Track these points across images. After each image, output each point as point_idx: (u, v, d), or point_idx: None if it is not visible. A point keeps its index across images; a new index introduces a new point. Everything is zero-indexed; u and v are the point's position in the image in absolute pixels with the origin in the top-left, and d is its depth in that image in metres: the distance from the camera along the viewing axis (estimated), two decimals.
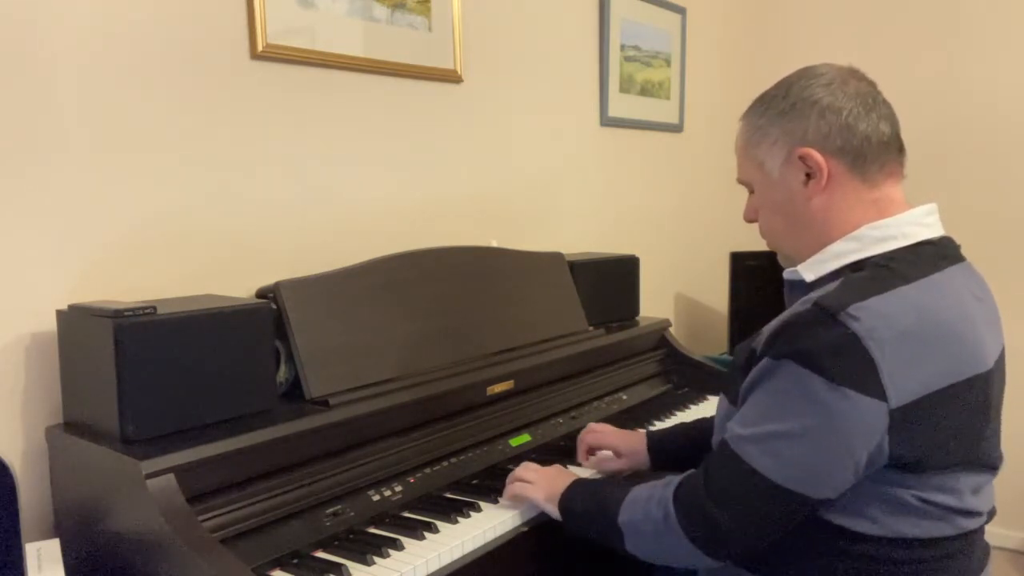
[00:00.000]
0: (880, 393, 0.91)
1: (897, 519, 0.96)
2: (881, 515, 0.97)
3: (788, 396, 0.95)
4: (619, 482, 1.20)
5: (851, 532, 0.98)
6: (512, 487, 1.29)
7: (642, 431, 1.46)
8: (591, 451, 1.46)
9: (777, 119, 1.07)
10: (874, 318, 0.92)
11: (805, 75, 1.08)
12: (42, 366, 1.25)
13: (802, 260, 1.08)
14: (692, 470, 1.06)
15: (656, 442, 1.42)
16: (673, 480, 1.06)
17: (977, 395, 0.98)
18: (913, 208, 1.05)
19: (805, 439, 0.93)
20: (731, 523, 0.97)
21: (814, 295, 0.98)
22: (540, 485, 1.25)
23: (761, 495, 0.96)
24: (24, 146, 1.21)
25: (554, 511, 1.21)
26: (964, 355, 0.96)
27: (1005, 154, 2.67)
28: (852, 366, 0.91)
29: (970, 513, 1.00)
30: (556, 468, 1.31)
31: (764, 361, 0.98)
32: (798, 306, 0.98)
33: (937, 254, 1.03)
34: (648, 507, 1.06)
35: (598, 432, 1.46)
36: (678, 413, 1.83)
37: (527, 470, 1.30)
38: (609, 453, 1.46)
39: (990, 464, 1.02)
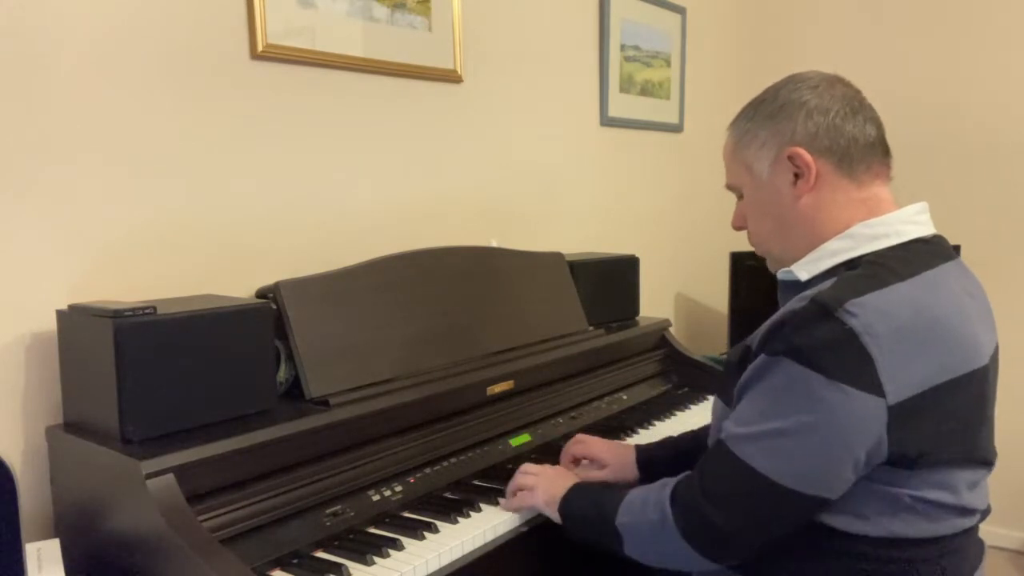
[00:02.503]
0: (878, 389, 0.91)
1: (891, 519, 0.96)
2: (875, 515, 0.96)
3: (786, 393, 0.95)
4: (618, 486, 1.19)
5: (844, 532, 0.97)
6: (513, 500, 1.28)
7: (630, 444, 1.43)
8: (576, 461, 1.44)
9: (765, 122, 1.08)
10: (871, 314, 0.92)
11: (792, 80, 1.10)
12: (42, 366, 1.25)
13: (792, 262, 1.08)
14: (688, 472, 1.05)
15: (645, 454, 1.40)
16: (670, 482, 1.06)
17: (974, 390, 0.98)
18: (904, 207, 1.06)
19: (803, 436, 0.93)
20: (729, 524, 0.97)
21: (810, 292, 0.98)
22: (540, 489, 1.24)
23: (760, 495, 0.95)
24: (24, 146, 1.21)
25: (555, 515, 1.21)
26: (960, 350, 0.97)
27: (998, 156, 2.67)
28: (850, 362, 0.91)
29: (966, 511, 1.00)
30: (555, 470, 1.30)
31: (760, 358, 0.98)
32: (794, 303, 0.98)
33: (930, 251, 1.03)
34: (645, 510, 1.06)
35: (585, 443, 1.44)
36: (678, 413, 1.83)
37: (526, 475, 1.29)
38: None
39: (985, 460, 1.02)
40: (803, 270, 1.06)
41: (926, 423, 0.93)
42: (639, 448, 1.41)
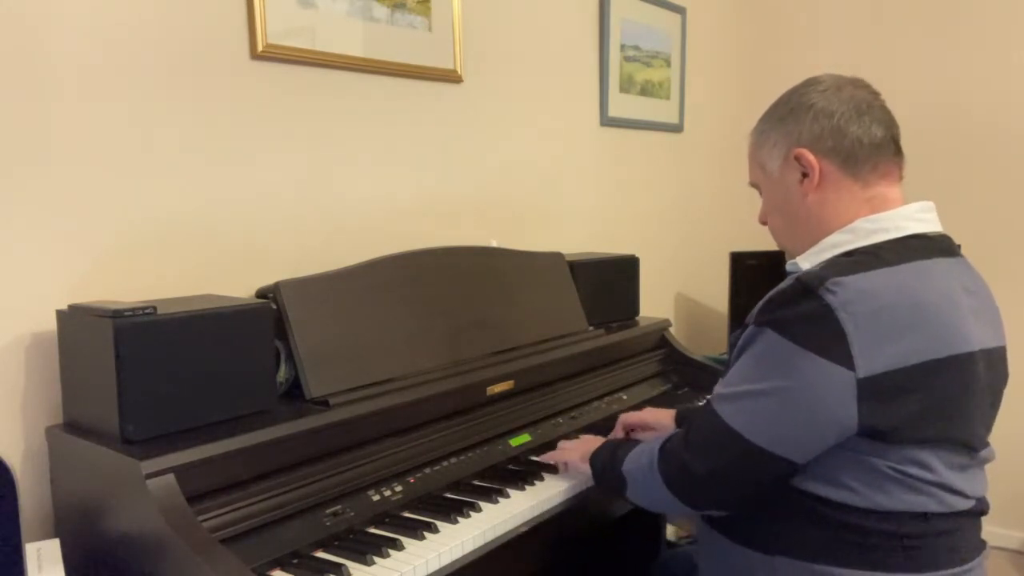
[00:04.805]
0: (848, 362, 0.96)
1: (875, 490, 1.00)
2: (859, 485, 1.00)
3: (763, 360, 1.03)
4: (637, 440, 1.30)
5: (830, 501, 1.02)
6: (553, 453, 1.46)
7: (671, 410, 1.56)
8: (629, 432, 1.56)
9: (777, 124, 1.15)
10: (850, 293, 0.97)
11: (805, 83, 1.16)
12: (42, 366, 1.25)
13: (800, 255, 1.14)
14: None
15: (680, 413, 1.54)
16: (666, 435, 1.18)
17: (955, 375, 1.00)
18: (908, 204, 1.10)
19: (774, 398, 1.01)
20: (703, 473, 1.07)
21: (798, 272, 1.05)
22: (578, 449, 1.41)
23: (731, 449, 1.04)
24: (24, 146, 1.21)
25: (587, 468, 1.34)
26: (943, 335, 0.99)
27: (1000, 156, 2.67)
28: (823, 335, 0.97)
29: (953, 490, 1.01)
30: (593, 436, 1.49)
31: (749, 329, 1.06)
32: (785, 282, 1.05)
33: (927, 247, 1.06)
34: (641, 457, 1.19)
35: (635, 413, 1.58)
36: None
37: (566, 441, 1.49)
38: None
39: (968, 444, 1.03)
40: (805, 260, 1.11)
41: (900, 401, 0.97)
42: (677, 408, 1.57)
